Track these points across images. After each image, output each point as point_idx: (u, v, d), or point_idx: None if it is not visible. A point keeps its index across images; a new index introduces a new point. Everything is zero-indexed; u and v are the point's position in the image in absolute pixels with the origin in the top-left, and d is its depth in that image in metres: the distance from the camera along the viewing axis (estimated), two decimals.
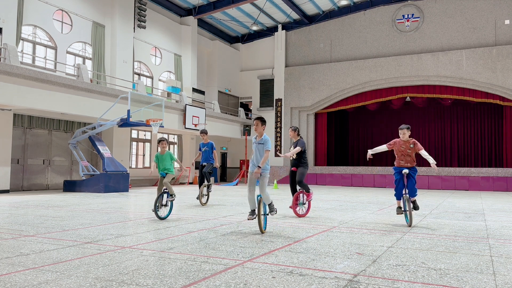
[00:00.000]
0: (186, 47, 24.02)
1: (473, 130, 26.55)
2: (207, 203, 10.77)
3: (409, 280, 3.75)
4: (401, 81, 23.98)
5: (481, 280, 3.78)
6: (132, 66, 19.95)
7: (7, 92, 12.99)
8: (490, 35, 22.61)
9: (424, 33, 23.99)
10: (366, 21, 25.40)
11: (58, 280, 3.64)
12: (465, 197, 15.27)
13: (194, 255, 4.68)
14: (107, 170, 15.54)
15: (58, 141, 17.67)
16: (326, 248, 5.12)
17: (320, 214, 8.99)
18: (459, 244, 5.54)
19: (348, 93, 25.27)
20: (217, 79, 26.74)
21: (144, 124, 16.26)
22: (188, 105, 20.99)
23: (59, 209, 9.35)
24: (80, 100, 15.40)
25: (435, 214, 9.14)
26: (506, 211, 10.18)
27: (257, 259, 4.51)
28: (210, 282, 3.60)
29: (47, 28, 16.59)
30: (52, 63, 16.64)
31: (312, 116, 26.78)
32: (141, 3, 20.72)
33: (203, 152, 10.72)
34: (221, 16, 25.55)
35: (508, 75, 21.68)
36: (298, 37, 27.14)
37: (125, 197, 13.36)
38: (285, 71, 26.93)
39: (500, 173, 21.11)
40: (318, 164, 26.51)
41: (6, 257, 4.49)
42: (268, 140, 6.28)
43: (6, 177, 14.81)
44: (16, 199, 11.99)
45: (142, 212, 9.25)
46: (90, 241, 5.44)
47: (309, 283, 3.61)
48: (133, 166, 21.39)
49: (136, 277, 3.75)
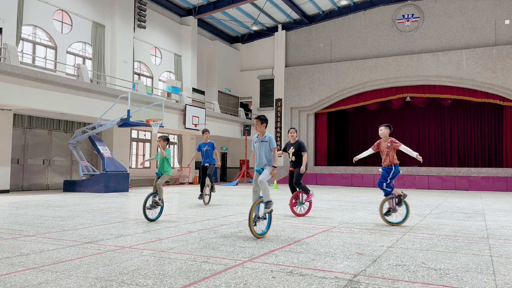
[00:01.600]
0: (186, 47, 24.02)
1: (473, 130, 26.54)
2: (209, 203, 10.77)
3: (409, 280, 3.75)
4: (401, 81, 23.98)
5: (481, 280, 3.78)
6: (132, 66, 19.95)
7: (7, 92, 12.99)
8: (490, 35, 22.62)
9: (424, 33, 23.99)
10: (366, 21, 25.41)
11: (58, 280, 3.64)
12: (465, 197, 15.26)
13: (194, 255, 4.68)
14: (107, 170, 15.54)
15: (58, 141, 17.67)
16: (326, 248, 5.12)
17: (320, 214, 8.99)
18: (459, 244, 5.54)
19: (348, 93, 25.27)
20: (217, 79, 26.74)
21: (144, 124, 16.26)
22: (188, 105, 20.99)
23: (59, 209, 9.35)
24: (80, 100, 15.40)
25: (435, 214, 9.14)
26: (506, 211, 10.18)
27: (257, 259, 4.50)
28: (210, 282, 3.60)
29: (47, 28, 16.59)
30: (52, 63, 16.64)
31: (312, 116, 26.78)
32: (141, 3, 20.72)
33: (204, 152, 10.62)
34: (221, 16, 25.55)
35: (508, 75, 21.68)
36: (298, 37, 27.15)
37: (125, 197, 13.36)
38: (285, 71, 26.93)
39: (500, 173, 21.11)
40: (318, 164, 26.51)
41: (6, 257, 4.49)
42: (272, 137, 6.13)
43: (6, 177, 14.81)
44: (16, 199, 11.99)
45: (142, 212, 9.23)
46: (90, 241, 5.44)
47: (309, 283, 3.61)
48: (133, 166, 21.38)
49: (136, 277, 3.75)
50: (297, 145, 8.43)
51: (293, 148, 8.42)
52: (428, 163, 27.12)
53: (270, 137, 6.11)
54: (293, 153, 8.40)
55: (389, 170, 7.20)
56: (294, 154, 8.39)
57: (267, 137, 6.11)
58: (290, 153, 8.45)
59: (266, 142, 6.09)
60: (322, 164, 26.49)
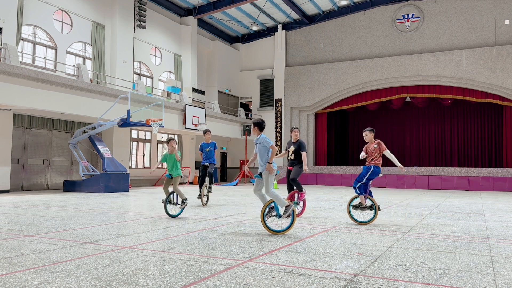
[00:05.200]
0: (186, 47, 24.02)
1: (473, 130, 26.55)
2: (207, 203, 10.76)
3: (409, 280, 3.75)
4: (401, 81, 23.98)
5: (481, 280, 3.78)
6: (132, 66, 19.95)
7: (7, 92, 12.99)
8: (490, 35, 22.62)
9: (424, 33, 23.99)
10: (366, 21, 25.41)
11: (58, 280, 3.64)
12: (465, 197, 15.26)
13: (194, 255, 4.68)
14: (107, 170, 15.54)
15: (58, 141, 17.66)
16: (326, 248, 5.12)
17: (320, 214, 8.99)
18: (459, 244, 5.54)
19: (348, 93, 25.28)
20: (217, 79, 26.74)
21: (144, 124, 16.26)
22: (188, 105, 20.98)
23: (59, 209, 9.35)
24: (80, 100, 15.40)
25: (435, 214, 9.14)
26: (506, 211, 10.18)
27: (257, 259, 4.51)
28: (210, 282, 3.60)
29: (47, 28, 16.59)
30: (52, 63, 16.64)
31: (312, 116, 26.79)
32: (141, 3, 20.72)
33: (207, 152, 10.57)
34: (221, 16, 25.55)
35: (508, 75, 21.68)
36: (298, 37, 27.15)
37: (125, 197, 13.36)
38: (285, 71, 26.94)
39: (500, 173, 21.11)
40: (318, 164, 26.51)
41: (6, 257, 4.49)
42: (264, 137, 6.35)
43: (6, 177, 14.80)
44: (16, 199, 11.99)
45: (142, 212, 9.25)
46: (90, 241, 5.44)
47: (309, 283, 3.61)
48: (133, 166, 21.38)
49: (136, 277, 3.75)
50: (298, 144, 8.54)
51: (293, 147, 8.53)
52: (428, 163, 27.13)
53: (262, 138, 6.35)
54: (293, 151, 8.51)
55: (368, 169, 7.28)
56: (294, 153, 8.49)
57: (260, 138, 6.36)
58: (290, 151, 8.54)
59: (260, 143, 6.35)
60: (322, 164, 26.49)
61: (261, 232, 6.29)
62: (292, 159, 8.50)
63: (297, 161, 8.46)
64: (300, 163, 8.43)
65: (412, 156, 27.70)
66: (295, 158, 8.48)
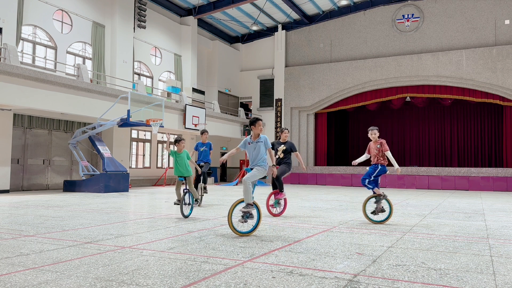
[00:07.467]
0: (186, 47, 24.02)
1: (473, 130, 26.55)
2: (201, 204, 10.59)
3: (409, 280, 3.75)
4: (401, 81, 23.98)
5: (481, 280, 3.78)
6: (132, 66, 19.95)
7: (7, 92, 12.99)
8: (490, 35, 22.62)
9: (424, 33, 23.99)
10: (366, 21, 25.41)
11: (58, 280, 3.64)
12: (465, 197, 15.26)
13: (194, 255, 4.68)
14: (107, 170, 15.54)
15: (58, 141, 17.66)
16: (326, 248, 5.13)
17: (320, 214, 8.99)
18: (459, 244, 5.54)
19: (348, 93, 25.27)
20: (217, 79, 26.74)
21: (144, 124, 16.26)
22: (188, 105, 20.99)
23: (59, 209, 9.35)
24: (80, 100, 15.40)
25: (435, 214, 9.14)
26: (506, 211, 10.18)
27: (257, 259, 4.51)
28: (210, 282, 3.60)
29: (47, 28, 16.59)
30: (52, 63, 16.64)
31: (312, 116, 26.78)
32: (141, 3, 20.72)
33: (202, 152, 10.64)
34: (221, 16, 25.55)
35: (508, 75, 21.68)
36: (298, 37, 27.15)
37: (125, 197, 13.35)
38: (285, 71, 26.94)
39: (500, 173, 21.11)
40: (318, 164, 26.51)
41: (6, 257, 4.49)
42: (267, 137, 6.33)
43: (6, 177, 14.80)
44: (16, 199, 11.99)
45: (142, 212, 9.25)
46: (90, 241, 5.44)
47: (309, 283, 3.61)
48: (133, 166, 21.39)
49: (136, 277, 3.75)
50: (290, 145, 8.71)
51: (284, 146, 8.66)
52: (428, 163, 27.13)
53: (264, 137, 6.31)
54: (283, 150, 8.62)
55: (375, 168, 7.38)
56: (284, 152, 8.61)
57: (262, 138, 6.30)
58: (279, 150, 8.62)
59: (262, 142, 6.27)
60: (322, 164, 26.48)
61: (261, 232, 6.30)
62: (281, 158, 8.59)
63: (284, 160, 8.55)
64: (287, 162, 8.54)
65: (412, 156, 27.71)
66: (284, 157, 8.56)
